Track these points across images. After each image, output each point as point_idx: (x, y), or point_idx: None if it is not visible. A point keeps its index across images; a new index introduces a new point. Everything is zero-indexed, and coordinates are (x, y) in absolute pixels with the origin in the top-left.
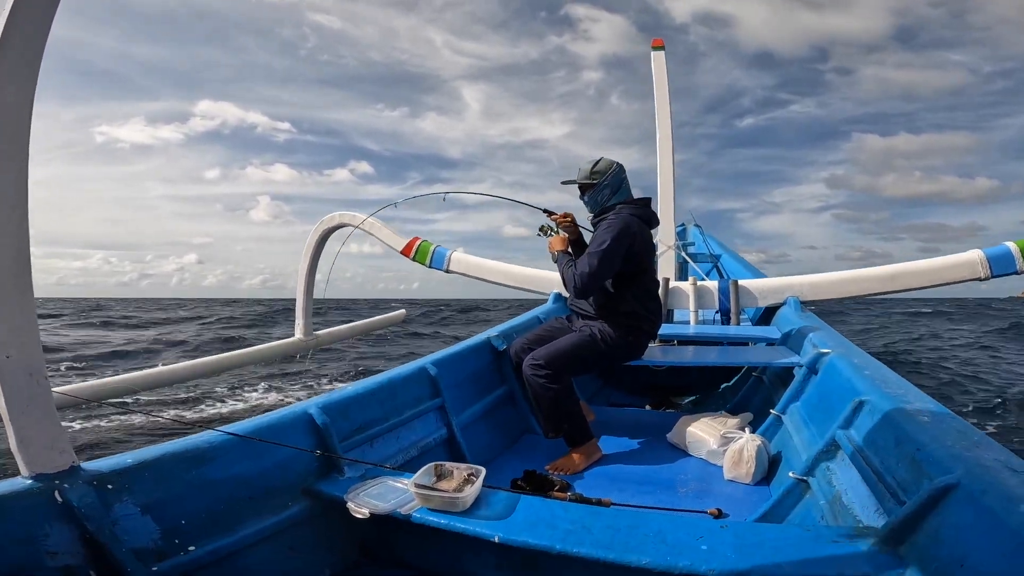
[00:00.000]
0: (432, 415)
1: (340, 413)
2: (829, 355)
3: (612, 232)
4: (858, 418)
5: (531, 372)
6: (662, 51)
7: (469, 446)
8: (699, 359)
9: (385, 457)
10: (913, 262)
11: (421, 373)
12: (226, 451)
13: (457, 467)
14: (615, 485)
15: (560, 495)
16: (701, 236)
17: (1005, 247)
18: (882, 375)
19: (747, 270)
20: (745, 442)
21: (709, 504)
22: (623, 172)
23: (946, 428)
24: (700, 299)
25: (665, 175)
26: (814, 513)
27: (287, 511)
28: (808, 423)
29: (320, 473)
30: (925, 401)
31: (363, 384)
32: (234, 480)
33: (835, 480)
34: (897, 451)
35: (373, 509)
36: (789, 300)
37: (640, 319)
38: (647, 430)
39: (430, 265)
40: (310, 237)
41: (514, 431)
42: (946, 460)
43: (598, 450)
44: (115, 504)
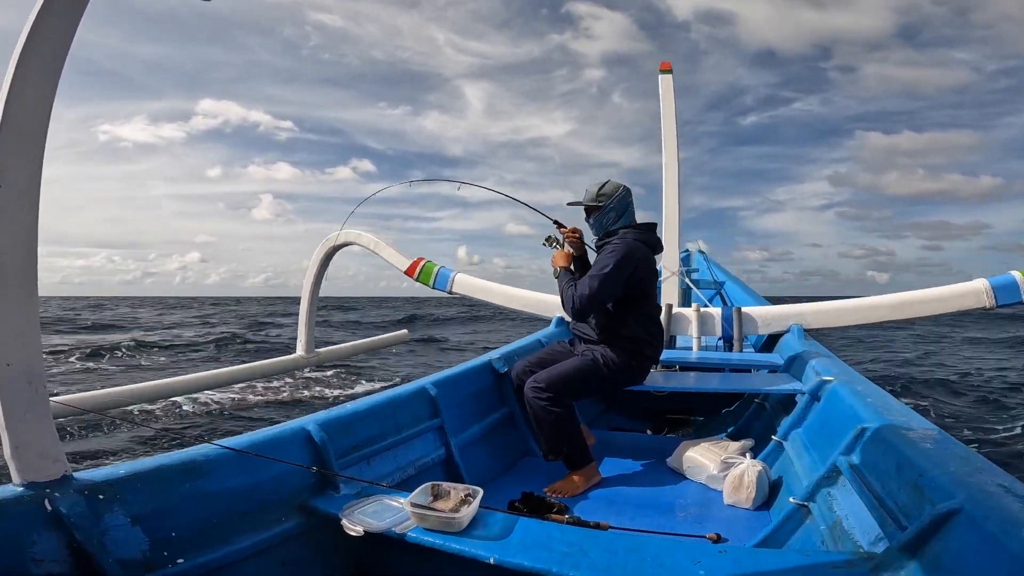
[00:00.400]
0: (431, 435)
1: (338, 430)
2: (832, 383)
3: (615, 257)
4: (860, 444)
5: (533, 395)
6: (670, 75)
7: (467, 467)
8: (701, 385)
9: (382, 475)
10: (919, 291)
11: (421, 393)
12: (221, 464)
13: (454, 487)
14: (613, 509)
15: (558, 517)
16: (705, 262)
17: (1010, 276)
18: (885, 402)
19: (751, 297)
20: (746, 467)
21: (708, 529)
22: (629, 196)
23: (948, 454)
24: (703, 326)
25: (670, 200)
26: (814, 538)
27: (280, 526)
28: (810, 449)
29: (316, 489)
30: (927, 427)
31: (362, 402)
32: (228, 493)
33: (836, 505)
34: (899, 476)
35: (368, 527)
36: (792, 328)
37: (642, 344)
38: (647, 454)
39: (433, 286)
40: (315, 255)
41: (513, 453)
42: (948, 485)
43: (597, 473)
44: (105, 514)
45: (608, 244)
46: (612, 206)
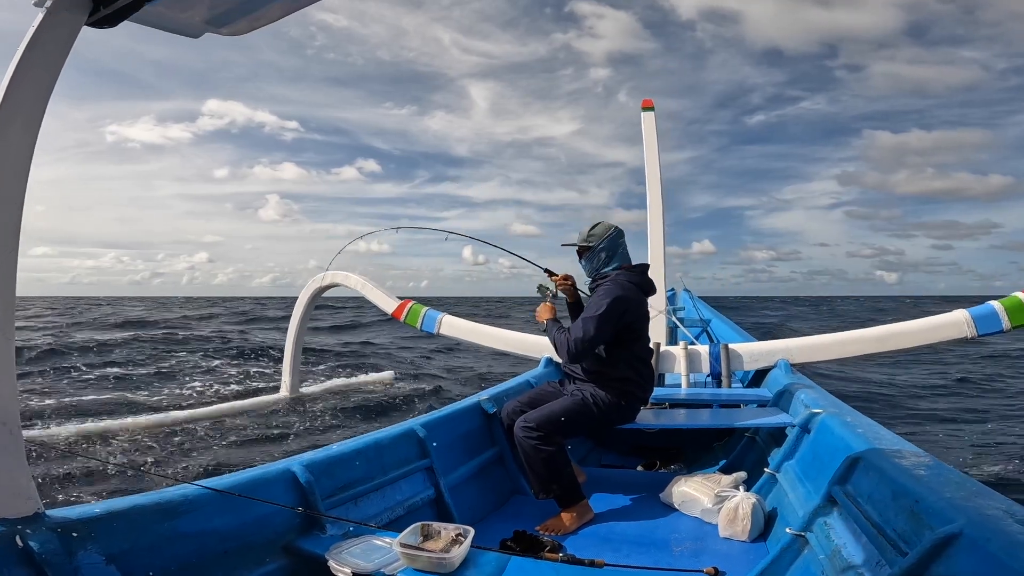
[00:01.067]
0: (420, 475)
1: (324, 471)
2: (821, 415)
3: (608, 298)
4: (854, 474)
5: (523, 434)
6: (652, 112)
7: (457, 506)
8: (691, 422)
9: (370, 516)
10: (902, 323)
11: (409, 434)
12: (202, 505)
13: (445, 527)
14: (608, 545)
15: (552, 556)
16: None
17: (990, 306)
18: (875, 432)
19: (737, 334)
20: (740, 499)
21: (705, 563)
22: (621, 236)
23: (944, 479)
24: (691, 363)
25: (655, 237)
26: (814, 568)
27: (264, 567)
28: (803, 480)
29: (301, 530)
30: (920, 455)
31: (348, 444)
32: (209, 534)
33: (833, 535)
34: (895, 504)
35: (355, 568)
36: (780, 362)
37: (632, 384)
38: (640, 490)
39: (421, 328)
40: (301, 295)
41: (503, 492)
42: (946, 510)
43: (589, 510)
44: (79, 552)
45: (601, 286)
46: (603, 246)
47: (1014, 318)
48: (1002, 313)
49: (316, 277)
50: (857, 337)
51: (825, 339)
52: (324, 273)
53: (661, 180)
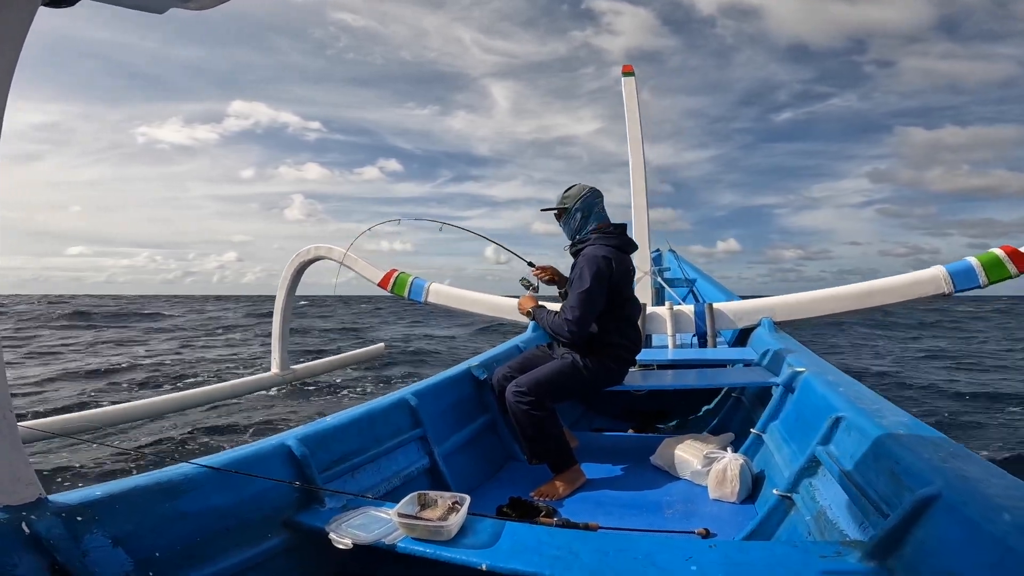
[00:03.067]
0: (414, 445)
1: (319, 444)
2: (804, 373)
3: (590, 270)
4: (836, 434)
5: (514, 399)
6: (632, 77)
7: (452, 475)
8: (679, 382)
9: (366, 488)
10: (881, 280)
11: (401, 404)
12: (201, 483)
13: (441, 495)
14: (601, 509)
15: (547, 521)
16: (676, 261)
17: (967, 262)
18: (856, 391)
19: (721, 293)
20: (728, 461)
21: (696, 524)
22: (595, 196)
23: (922, 441)
24: (677, 323)
25: (639, 200)
26: (800, 529)
27: (266, 543)
28: (788, 441)
29: (300, 504)
30: (900, 415)
31: (342, 415)
32: (210, 512)
33: (818, 496)
34: (876, 465)
35: (356, 539)
36: (763, 321)
37: (620, 347)
38: (631, 454)
39: (408, 297)
40: (285, 271)
41: (497, 459)
42: (925, 472)
43: (582, 475)
44: (85, 535)
45: (580, 255)
46: (578, 207)
47: (991, 274)
48: (979, 269)
49: (300, 251)
50: (839, 294)
51: (807, 296)
52: (308, 247)
53: (642, 143)
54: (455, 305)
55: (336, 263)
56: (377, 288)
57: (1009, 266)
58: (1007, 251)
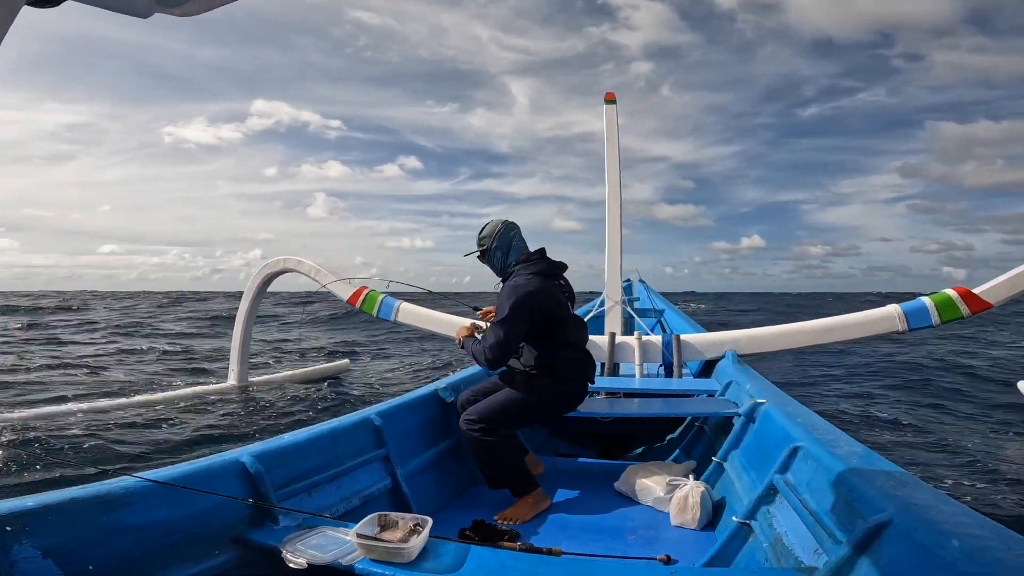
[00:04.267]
0: (376, 464)
1: (276, 461)
2: (764, 405)
3: (509, 299)
4: (794, 463)
5: (466, 427)
6: (614, 105)
7: (415, 496)
8: (644, 411)
9: (324, 507)
10: (840, 317)
11: (365, 423)
12: (144, 496)
13: (402, 517)
14: (565, 534)
15: (510, 545)
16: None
17: (921, 302)
18: (812, 422)
19: (689, 325)
20: (690, 489)
21: (658, 551)
22: (509, 230)
23: (875, 469)
24: (645, 353)
25: (613, 230)
26: (758, 555)
27: (213, 559)
28: (748, 469)
29: (253, 521)
30: (853, 445)
31: (301, 433)
32: (153, 526)
33: (775, 523)
34: (831, 493)
35: (311, 559)
36: (728, 353)
37: (564, 370)
38: (595, 479)
39: (378, 315)
40: (252, 281)
41: (461, 482)
42: (877, 500)
43: (546, 498)
44: (13, 546)
45: (504, 287)
46: (496, 245)
47: (944, 314)
48: (932, 309)
49: (268, 262)
50: (799, 329)
51: (770, 331)
52: (277, 258)
53: (620, 172)
54: (424, 325)
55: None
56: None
57: (961, 307)
58: (960, 292)
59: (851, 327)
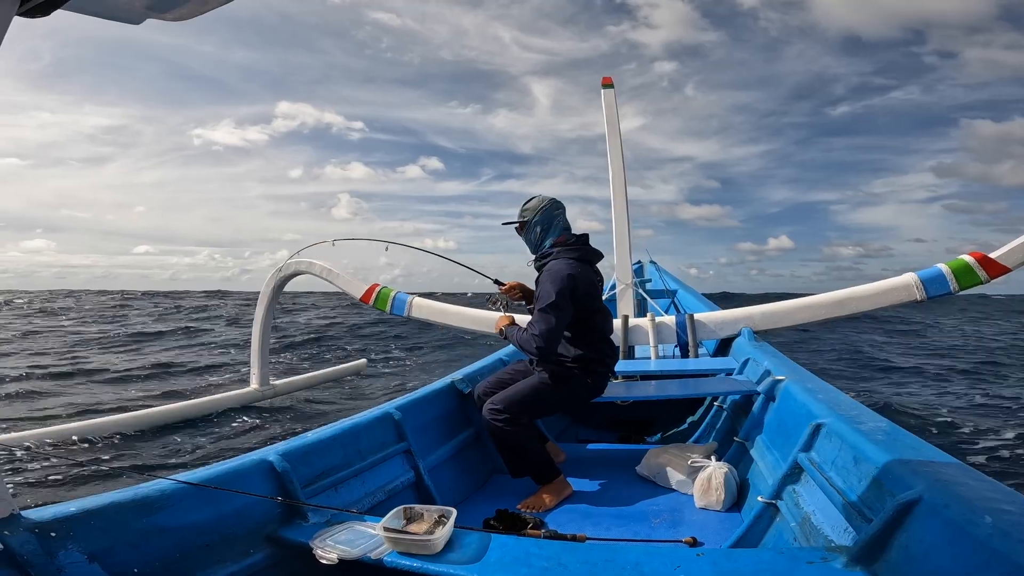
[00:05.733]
0: (398, 459)
1: (301, 459)
2: (784, 382)
3: (555, 285)
4: (817, 440)
5: (490, 416)
6: (612, 89)
7: (438, 488)
8: (661, 393)
9: (351, 502)
10: (856, 287)
11: (385, 418)
12: (180, 499)
13: (427, 509)
14: (589, 520)
15: (534, 533)
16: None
17: (937, 269)
18: (834, 398)
19: (702, 303)
20: (713, 470)
21: (683, 533)
22: (556, 208)
23: (901, 445)
24: (659, 334)
25: (619, 213)
26: (786, 535)
27: (249, 559)
28: (771, 448)
29: (283, 520)
30: (878, 420)
31: (324, 431)
32: (189, 528)
33: (802, 502)
34: (857, 470)
35: (342, 554)
36: (743, 331)
37: (593, 361)
38: (616, 464)
39: (391, 311)
40: (265, 285)
41: (483, 472)
42: (906, 476)
43: (568, 486)
44: (59, 552)
45: (544, 269)
46: (537, 220)
47: (962, 280)
48: (949, 276)
49: (282, 265)
50: (816, 302)
51: (785, 305)
52: (289, 260)
53: (623, 155)
54: (436, 319)
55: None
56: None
57: (979, 272)
58: (977, 257)
59: (868, 297)
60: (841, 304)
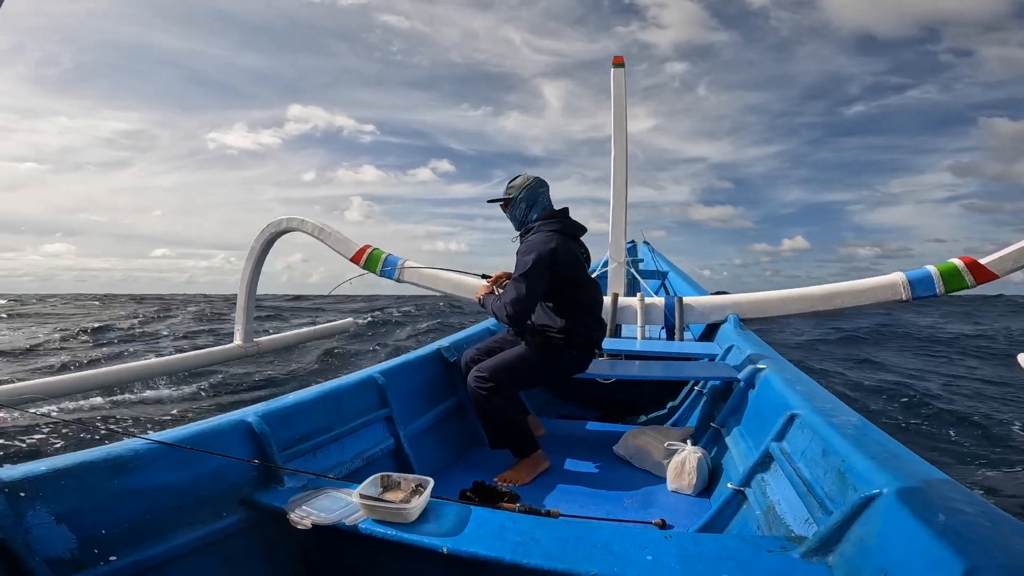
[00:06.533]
0: (379, 425)
1: (280, 422)
2: (765, 371)
3: (532, 253)
4: (790, 431)
5: (475, 384)
6: (622, 68)
7: (417, 457)
8: (645, 373)
9: (328, 467)
10: (844, 283)
11: (368, 382)
12: (153, 459)
13: (404, 478)
14: (564, 496)
15: (509, 506)
16: (650, 253)
17: (926, 270)
18: (811, 390)
19: (692, 287)
20: (687, 454)
21: (654, 515)
22: (540, 186)
23: (869, 440)
24: (647, 315)
25: (618, 192)
26: (751, 523)
27: (221, 521)
28: (745, 436)
29: (258, 483)
30: (850, 415)
31: (306, 393)
32: (162, 489)
33: (769, 491)
34: (824, 462)
35: (316, 520)
36: (730, 317)
37: (577, 334)
38: (595, 443)
39: (380, 273)
40: (255, 241)
41: (463, 442)
42: (868, 471)
43: (545, 460)
44: (27, 512)
45: (524, 241)
46: (522, 197)
47: (948, 284)
48: (937, 278)
49: (272, 222)
50: (803, 295)
51: (773, 295)
52: (280, 218)
53: (626, 135)
54: (426, 284)
55: (308, 235)
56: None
57: (967, 277)
58: (966, 262)
59: (854, 293)
60: (828, 298)
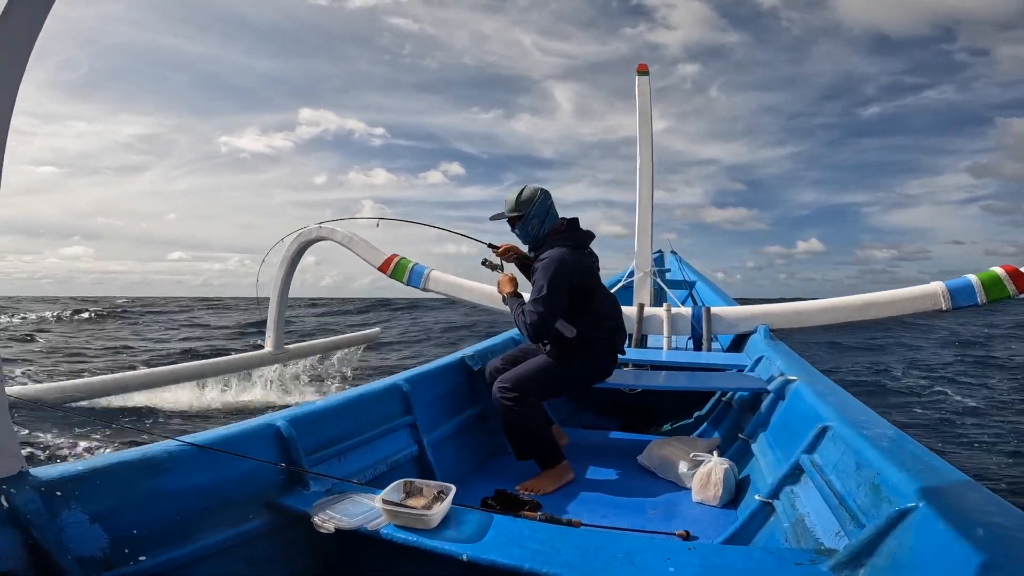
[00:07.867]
0: (403, 432)
1: (308, 427)
2: (795, 382)
3: (548, 274)
4: (821, 443)
5: (500, 394)
6: (647, 76)
7: (439, 464)
8: (670, 384)
9: (353, 472)
10: (879, 293)
11: (394, 389)
12: (184, 461)
13: (427, 484)
14: (586, 506)
15: (530, 515)
16: (677, 263)
17: (967, 279)
18: (844, 402)
19: (720, 298)
20: (713, 465)
21: (677, 526)
22: (549, 198)
23: (904, 453)
24: (674, 325)
25: (644, 201)
26: (778, 535)
27: (247, 524)
28: (774, 447)
29: (284, 487)
30: (884, 427)
31: (333, 398)
32: (192, 491)
33: (798, 503)
34: (857, 475)
35: (339, 524)
36: (760, 328)
37: (597, 343)
38: (618, 453)
39: (407, 283)
40: (286, 250)
41: (486, 451)
42: (904, 484)
43: (569, 471)
44: (62, 511)
45: (539, 259)
46: (533, 212)
47: (990, 293)
48: (978, 287)
49: (303, 230)
50: (836, 305)
51: (805, 306)
52: (311, 227)
53: (652, 143)
54: (453, 293)
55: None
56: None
57: (1009, 286)
58: (1008, 270)
59: (892, 304)
60: (863, 309)
